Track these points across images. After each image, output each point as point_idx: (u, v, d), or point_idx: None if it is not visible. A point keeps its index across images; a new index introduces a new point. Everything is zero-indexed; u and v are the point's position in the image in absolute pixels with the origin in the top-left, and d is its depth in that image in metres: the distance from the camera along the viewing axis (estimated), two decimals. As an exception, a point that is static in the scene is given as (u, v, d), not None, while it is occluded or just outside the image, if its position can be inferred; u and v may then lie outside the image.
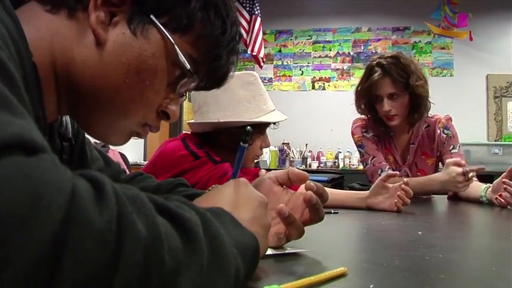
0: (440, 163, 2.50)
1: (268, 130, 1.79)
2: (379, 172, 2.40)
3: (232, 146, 1.66)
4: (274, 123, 1.76)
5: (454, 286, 0.67)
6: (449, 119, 2.49)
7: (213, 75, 0.86)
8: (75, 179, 0.37)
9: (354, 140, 2.57)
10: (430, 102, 2.43)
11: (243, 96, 1.69)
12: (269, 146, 1.82)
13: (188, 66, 0.77)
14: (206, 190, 1.01)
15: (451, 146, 2.43)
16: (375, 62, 2.41)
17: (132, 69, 0.72)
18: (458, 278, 0.73)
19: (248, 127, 0.77)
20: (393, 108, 2.35)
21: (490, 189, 2.01)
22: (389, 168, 2.42)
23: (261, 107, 1.71)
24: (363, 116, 2.60)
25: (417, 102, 2.37)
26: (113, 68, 0.72)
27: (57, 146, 0.86)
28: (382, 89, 2.35)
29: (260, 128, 1.71)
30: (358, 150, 2.57)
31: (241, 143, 0.78)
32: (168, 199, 0.51)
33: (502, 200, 1.87)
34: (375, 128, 2.52)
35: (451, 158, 2.37)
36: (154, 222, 0.41)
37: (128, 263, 0.37)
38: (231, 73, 0.89)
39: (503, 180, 1.91)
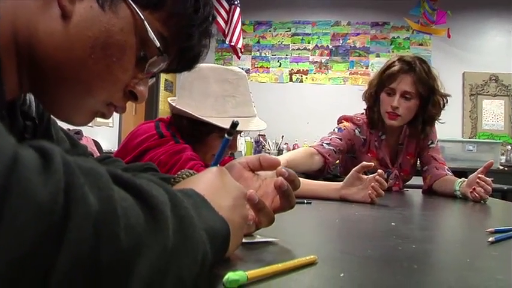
0: (418, 159, 2.50)
1: None
2: (321, 143, 2.32)
3: (185, 134, 1.64)
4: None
5: (427, 276, 0.65)
6: None
7: (184, 57, 0.83)
8: (21, 149, 0.33)
9: (338, 123, 2.45)
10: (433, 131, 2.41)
11: (214, 92, 1.63)
12: (234, 151, 1.76)
13: (158, 44, 0.73)
14: (174, 175, 0.97)
15: (430, 141, 2.42)
16: (400, 56, 2.32)
17: (98, 44, 0.69)
18: (432, 268, 0.71)
19: (236, 119, 0.75)
20: (401, 107, 2.23)
21: (464, 183, 2.00)
22: (332, 149, 2.29)
23: (226, 109, 1.63)
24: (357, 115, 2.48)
25: (432, 114, 2.29)
26: (78, 42, 0.68)
27: (19, 125, 0.82)
28: (399, 84, 2.23)
29: (219, 129, 1.60)
30: (333, 130, 2.42)
31: (226, 135, 0.76)
32: (137, 176, 0.47)
33: (476, 195, 1.87)
34: (367, 130, 2.41)
35: (428, 152, 2.39)
36: (110, 196, 0.38)
37: (75, 238, 0.33)
38: (202, 56, 0.86)
39: (479, 175, 1.90)
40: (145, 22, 0.71)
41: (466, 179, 2.01)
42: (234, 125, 0.76)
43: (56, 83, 0.72)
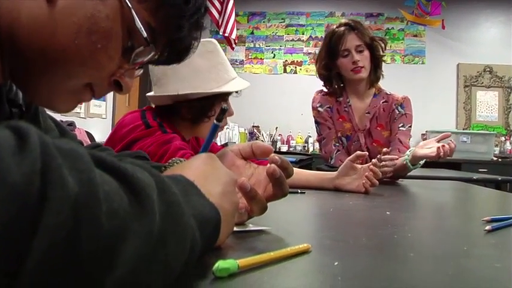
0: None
1: (238, 112, 1.73)
2: (329, 159, 2.55)
3: (193, 117, 1.65)
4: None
5: (424, 264, 0.63)
6: (407, 99, 2.55)
7: (173, 48, 0.81)
8: None
9: (313, 115, 2.66)
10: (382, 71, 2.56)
11: (203, 66, 1.63)
12: (233, 115, 1.77)
13: (145, 34, 0.71)
14: (163, 163, 0.96)
15: (401, 124, 2.48)
16: (335, 25, 2.58)
17: (83, 30, 0.66)
18: (429, 256, 0.70)
19: (224, 105, 0.76)
20: (360, 60, 2.44)
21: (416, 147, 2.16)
22: (338, 152, 2.52)
23: (222, 76, 1.67)
24: (320, 89, 2.70)
25: (379, 57, 2.51)
26: (62, 27, 0.66)
27: (5, 111, 0.80)
28: (349, 42, 2.45)
29: (222, 97, 1.67)
30: (316, 128, 2.67)
31: (214, 121, 0.78)
32: (123, 161, 0.45)
33: (448, 147, 1.99)
34: (330, 99, 2.60)
35: (396, 134, 2.47)
36: (91, 179, 0.35)
37: (51, 222, 0.31)
38: (193, 48, 0.84)
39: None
40: (133, 11, 0.69)
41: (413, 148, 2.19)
42: (223, 110, 0.78)
43: (38, 69, 0.70)
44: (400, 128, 2.47)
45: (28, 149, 0.32)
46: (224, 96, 1.67)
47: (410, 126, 2.50)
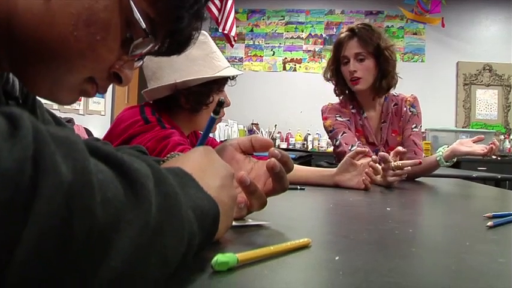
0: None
1: (237, 109, 1.76)
2: (349, 148, 2.30)
3: (191, 106, 1.67)
4: (232, 78, 1.78)
5: (427, 259, 0.62)
6: (416, 99, 2.50)
7: (173, 40, 0.79)
8: None
9: (325, 125, 2.46)
10: (397, 75, 2.42)
11: (197, 56, 1.65)
12: (230, 105, 1.77)
13: (143, 25, 0.70)
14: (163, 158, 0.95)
15: (414, 125, 2.43)
16: (345, 28, 2.48)
17: (81, 21, 0.65)
18: (431, 251, 0.68)
19: (221, 98, 0.77)
20: (359, 70, 2.33)
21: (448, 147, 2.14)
22: (359, 143, 2.36)
23: (216, 64, 1.69)
24: (331, 102, 2.56)
25: (386, 68, 2.36)
26: (60, 18, 0.65)
27: (1, 102, 0.79)
28: (348, 49, 2.36)
29: (219, 85, 1.70)
30: (329, 135, 2.46)
31: (212, 114, 0.77)
32: (120, 151, 0.44)
33: (494, 147, 2.03)
34: (346, 111, 2.46)
35: (410, 135, 2.41)
36: (85, 167, 0.34)
37: (43, 211, 0.30)
38: (193, 39, 0.82)
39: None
40: (131, 1, 0.68)
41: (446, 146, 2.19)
42: (221, 103, 0.78)
43: (37, 61, 0.69)
44: (414, 129, 2.42)
45: (20, 134, 0.31)
46: (221, 83, 1.71)
47: (421, 126, 2.46)
